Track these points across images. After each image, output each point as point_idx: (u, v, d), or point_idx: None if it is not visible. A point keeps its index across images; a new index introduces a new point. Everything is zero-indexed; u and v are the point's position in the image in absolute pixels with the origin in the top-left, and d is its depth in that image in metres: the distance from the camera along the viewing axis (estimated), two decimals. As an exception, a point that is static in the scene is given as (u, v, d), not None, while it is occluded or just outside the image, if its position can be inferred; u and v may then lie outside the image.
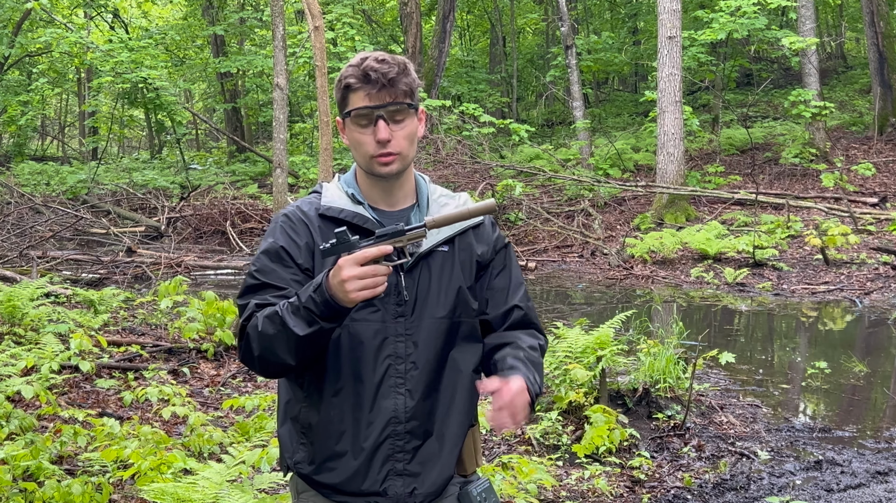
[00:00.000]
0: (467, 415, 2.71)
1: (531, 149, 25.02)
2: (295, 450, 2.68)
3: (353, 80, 2.56)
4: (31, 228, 19.25)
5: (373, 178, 2.64)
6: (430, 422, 2.63)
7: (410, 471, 2.62)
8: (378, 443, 2.59)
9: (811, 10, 23.30)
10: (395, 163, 2.58)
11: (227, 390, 8.36)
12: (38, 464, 5.18)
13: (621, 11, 35.45)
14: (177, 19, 36.81)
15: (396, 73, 2.56)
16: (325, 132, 11.11)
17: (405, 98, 2.57)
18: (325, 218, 2.63)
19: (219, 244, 20.20)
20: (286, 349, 2.44)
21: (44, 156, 38.42)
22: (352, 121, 2.59)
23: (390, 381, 2.59)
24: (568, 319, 11.02)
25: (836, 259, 15.69)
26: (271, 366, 2.52)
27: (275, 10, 11.43)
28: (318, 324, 2.38)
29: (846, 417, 8.10)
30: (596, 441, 6.48)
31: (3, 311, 9.71)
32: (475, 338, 2.73)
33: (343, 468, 2.60)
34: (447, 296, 2.64)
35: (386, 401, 2.59)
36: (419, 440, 2.62)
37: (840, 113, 25.97)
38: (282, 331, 2.41)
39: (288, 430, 2.70)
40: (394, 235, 2.39)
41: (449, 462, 2.67)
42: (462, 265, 2.68)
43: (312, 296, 2.36)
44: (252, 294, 2.57)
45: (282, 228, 2.64)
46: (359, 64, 2.57)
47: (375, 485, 2.60)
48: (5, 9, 26.78)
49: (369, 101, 2.55)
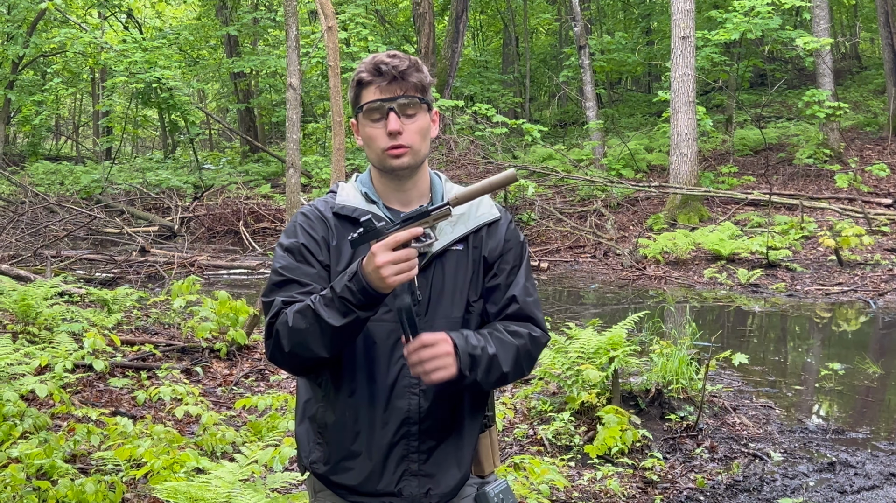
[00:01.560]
0: (482, 416, 2.72)
1: (544, 149, 24.99)
2: (311, 449, 2.68)
3: (365, 74, 2.58)
4: (45, 228, 19.33)
5: (386, 175, 2.64)
6: (444, 423, 2.63)
7: (425, 472, 2.62)
8: (393, 443, 2.59)
9: (825, 10, 23.21)
10: (407, 156, 2.57)
11: (240, 389, 8.38)
12: (51, 462, 5.20)
13: (634, 11, 35.37)
14: (190, 19, 36.88)
15: (407, 66, 2.57)
16: (338, 132, 11.13)
17: (416, 92, 2.58)
18: (339, 216, 2.64)
19: (232, 244, 20.26)
20: (320, 342, 2.43)
21: (58, 155, 38.59)
22: (364, 116, 2.59)
23: (404, 382, 2.58)
24: (580, 320, 11.01)
25: (850, 260, 15.63)
26: (304, 361, 2.52)
27: (288, 10, 11.45)
28: (355, 313, 2.37)
29: (860, 419, 8.06)
30: (608, 442, 6.47)
31: (18, 310, 9.75)
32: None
33: (358, 468, 2.61)
34: (461, 295, 2.63)
35: (400, 401, 2.58)
36: (434, 441, 2.62)
37: (854, 113, 25.87)
38: (315, 324, 2.41)
39: (305, 430, 2.70)
40: (419, 217, 2.37)
41: (464, 462, 2.67)
42: (474, 263, 2.67)
43: (348, 285, 2.36)
44: (277, 291, 2.57)
45: (301, 226, 2.64)
46: (371, 60, 2.60)
47: (390, 485, 2.60)
48: (20, 9, 26.89)
49: (380, 94, 2.56)
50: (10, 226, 19.20)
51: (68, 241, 18.92)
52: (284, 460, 4.91)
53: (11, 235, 18.50)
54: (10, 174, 24.96)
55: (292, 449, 4.96)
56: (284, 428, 5.99)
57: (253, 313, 9.66)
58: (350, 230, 2.57)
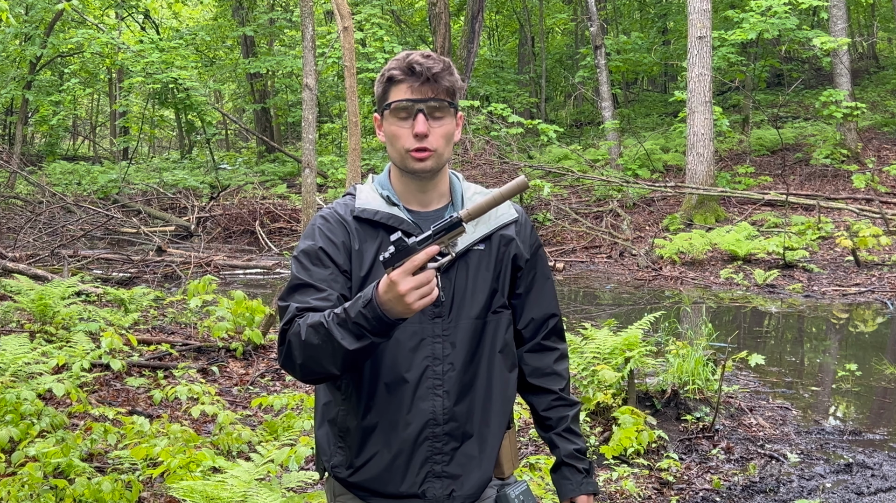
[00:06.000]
0: (504, 416, 2.69)
1: (560, 149, 24.98)
2: (332, 453, 2.65)
3: (397, 72, 2.53)
4: (62, 227, 19.42)
5: (407, 176, 2.61)
6: (468, 424, 2.60)
7: (449, 474, 2.59)
8: (416, 445, 2.56)
9: (843, 9, 23.11)
10: (430, 160, 2.54)
11: (256, 389, 8.40)
12: (68, 461, 5.22)
13: (651, 11, 35.28)
14: (207, 20, 37.00)
15: (441, 69, 2.53)
16: (353, 132, 11.14)
17: (447, 96, 2.54)
18: (360, 220, 2.60)
19: (248, 244, 20.33)
20: (331, 360, 2.38)
21: (75, 155, 38.80)
22: (391, 113, 2.55)
23: (428, 383, 2.56)
24: (596, 320, 10.99)
25: (868, 260, 15.56)
26: (314, 374, 2.47)
27: (304, 10, 11.47)
28: (369, 338, 2.31)
29: (877, 420, 8.03)
30: (624, 442, 6.46)
31: (35, 310, 9.80)
32: (510, 337, 2.71)
33: (381, 471, 2.58)
34: (483, 295, 2.61)
35: (424, 402, 2.56)
36: (457, 442, 2.60)
37: (872, 113, 25.73)
38: (328, 343, 2.35)
39: (325, 433, 2.67)
40: (437, 235, 2.29)
41: (487, 464, 2.65)
42: (498, 263, 2.64)
43: (363, 311, 2.29)
44: (293, 294, 2.53)
45: (320, 230, 2.60)
46: (403, 58, 2.55)
47: (413, 487, 2.58)
48: (38, 10, 27.02)
49: (411, 94, 2.52)
50: (28, 225, 19.30)
51: (85, 241, 19.00)
52: (300, 459, 4.92)
53: (29, 235, 18.60)
54: (28, 174, 25.08)
55: (308, 448, 4.96)
56: (300, 427, 5.99)
57: (269, 313, 9.68)
58: (371, 233, 2.55)
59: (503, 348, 2.67)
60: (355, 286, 2.55)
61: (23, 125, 30.63)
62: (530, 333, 2.77)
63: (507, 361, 2.68)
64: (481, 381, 2.62)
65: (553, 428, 2.79)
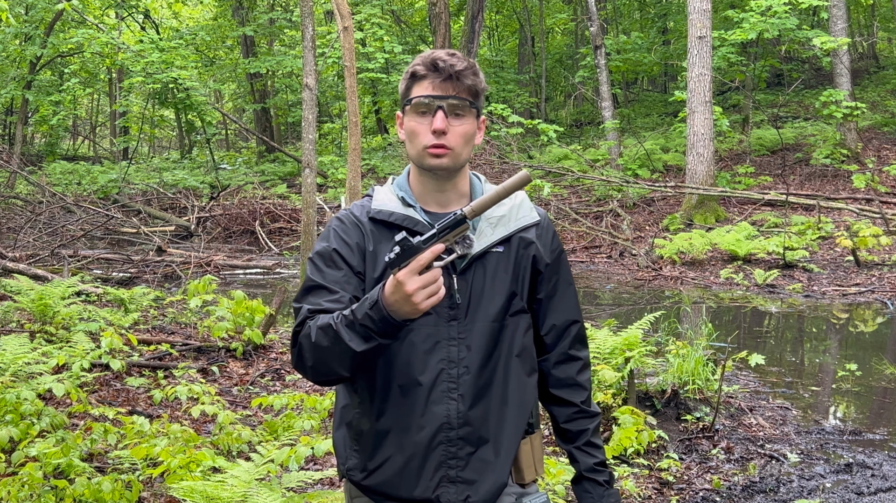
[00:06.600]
0: (522, 421, 2.64)
1: (560, 149, 24.98)
2: (348, 456, 2.63)
3: (421, 68, 2.52)
4: (62, 227, 19.43)
5: (425, 175, 2.58)
6: (483, 428, 2.56)
7: (464, 478, 2.56)
8: (430, 449, 2.53)
9: (843, 9, 23.12)
10: (447, 157, 2.51)
11: (256, 389, 8.40)
12: (68, 461, 5.22)
13: (651, 11, 35.29)
14: (207, 20, 37.00)
15: (464, 68, 2.51)
16: (353, 132, 11.15)
17: (469, 95, 2.52)
18: (375, 221, 2.58)
19: (248, 244, 20.34)
20: (339, 362, 2.38)
21: (75, 155, 38.79)
22: (411, 108, 2.53)
23: (442, 386, 2.53)
24: (596, 320, 10.99)
25: (868, 261, 15.56)
26: (324, 376, 2.48)
27: (304, 10, 11.47)
28: (376, 340, 2.31)
29: (877, 420, 8.03)
30: (624, 442, 6.46)
31: (35, 310, 9.80)
32: (529, 341, 2.67)
33: (395, 474, 2.56)
34: (501, 298, 2.58)
35: (438, 406, 2.53)
36: (472, 447, 2.56)
37: (872, 113, 25.74)
38: (336, 345, 2.35)
39: (342, 436, 2.66)
40: (440, 233, 2.28)
41: (503, 469, 2.60)
42: (517, 266, 2.61)
43: (369, 313, 2.29)
44: (306, 296, 2.53)
45: (335, 232, 2.59)
46: (428, 55, 2.54)
47: (427, 491, 2.55)
48: (38, 9, 27.03)
49: (432, 91, 2.50)
50: (28, 225, 19.30)
51: (85, 241, 19.01)
52: (300, 460, 4.92)
53: (29, 235, 18.60)
54: (28, 174, 25.09)
55: (307, 448, 4.96)
56: (300, 427, 6.00)
57: (269, 313, 9.68)
58: (386, 235, 2.53)
59: (521, 352, 2.63)
60: (369, 288, 2.53)
61: (23, 125, 30.63)
62: (552, 340, 2.74)
63: (525, 366, 2.64)
64: (497, 386, 2.58)
65: (573, 441, 2.76)
